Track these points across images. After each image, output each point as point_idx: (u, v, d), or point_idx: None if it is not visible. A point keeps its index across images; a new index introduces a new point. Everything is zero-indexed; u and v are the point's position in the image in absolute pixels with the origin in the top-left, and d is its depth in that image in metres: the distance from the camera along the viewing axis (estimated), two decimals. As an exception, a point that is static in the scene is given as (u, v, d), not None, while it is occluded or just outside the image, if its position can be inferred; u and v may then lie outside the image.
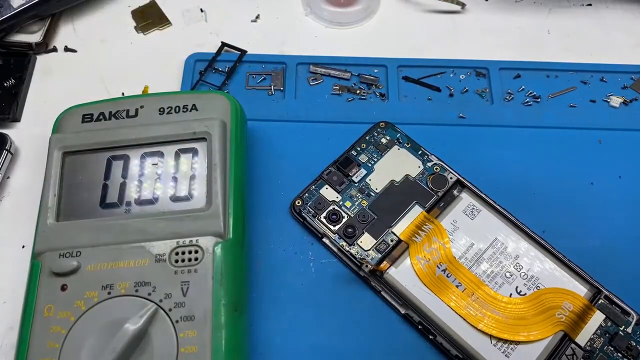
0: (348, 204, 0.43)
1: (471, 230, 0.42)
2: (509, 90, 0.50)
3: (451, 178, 0.44)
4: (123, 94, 0.50)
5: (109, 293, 0.35)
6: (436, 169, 0.44)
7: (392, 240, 0.42)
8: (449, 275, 0.40)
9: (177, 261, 0.36)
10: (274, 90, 0.50)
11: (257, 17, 0.55)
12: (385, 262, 0.41)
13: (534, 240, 0.42)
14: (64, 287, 0.36)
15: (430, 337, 0.39)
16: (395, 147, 0.46)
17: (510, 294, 0.40)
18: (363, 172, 0.45)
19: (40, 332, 0.35)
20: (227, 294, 0.36)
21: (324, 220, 0.43)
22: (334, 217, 0.43)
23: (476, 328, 0.38)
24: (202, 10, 0.56)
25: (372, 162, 0.45)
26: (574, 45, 0.54)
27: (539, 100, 0.49)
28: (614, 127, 0.48)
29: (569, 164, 0.46)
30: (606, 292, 0.40)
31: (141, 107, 0.42)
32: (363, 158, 0.45)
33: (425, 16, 0.56)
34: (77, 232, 0.38)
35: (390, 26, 0.55)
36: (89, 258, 0.37)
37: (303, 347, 0.39)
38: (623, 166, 0.46)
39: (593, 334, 0.38)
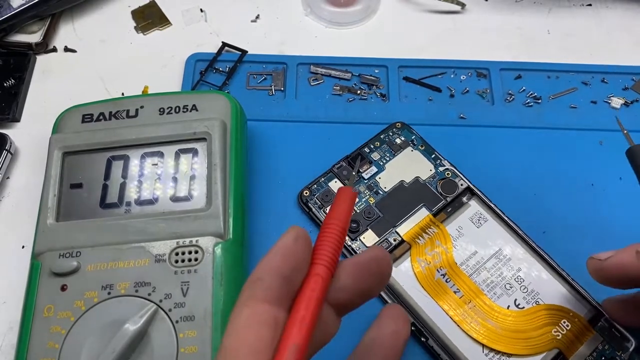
0: None
1: (476, 238, 0.42)
2: (510, 91, 0.50)
3: (462, 185, 0.44)
4: (123, 94, 0.50)
5: (109, 293, 0.35)
6: (447, 174, 0.44)
7: (394, 240, 0.42)
8: (448, 280, 0.40)
9: (177, 261, 0.36)
10: (275, 90, 0.50)
11: (257, 17, 0.55)
12: None
13: (538, 255, 0.41)
14: (63, 287, 0.36)
15: (422, 339, 0.39)
16: (409, 148, 0.46)
17: (508, 306, 0.39)
18: (374, 169, 0.45)
19: (40, 332, 0.35)
20: (227, 294, 0.36)
21: None
22: None
23: (469, 335, 0.38)
24: (202, 10, 0.56)
25: (384, 161, 0.45)
26: (573, 45, 0.54)
27: (540, 101, 0.49)
28: (615, 129, 0.48)
29: (570, 165, 0.46)
30: (607, 316, 0.39)
31: (141, 107, 0.42)
32: (375, 156, 0.45)
33: (425, 16, 0.56)
34: (77, 232, 0.38)
35: (390, 26, 0.55)
36: (88, 258, 0.37)
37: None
38: (624, 168, 0.45)
39: (589, 356, 0.38)
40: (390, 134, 0.46)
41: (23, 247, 0.43)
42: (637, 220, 0.44)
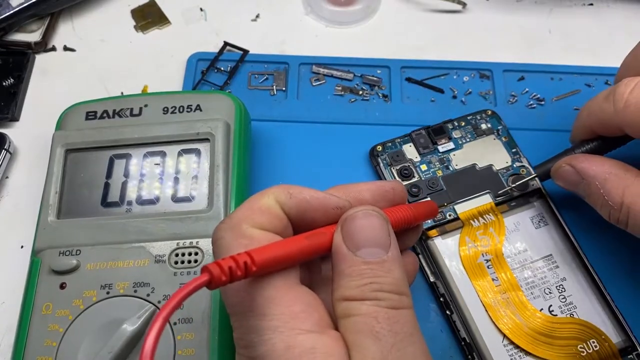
0: (424, 167, 0.44)
1: (530, 238, 0.42)
2: (513, 93, 0.50)
3: (533, 185, 0.43)
4: (122, 93, 0.50)
5: (108, 293, 0.35)
6: (522, 171, 0.44)
7: (450, 215, 0.42)
8: (489, 267, 0.40)
9: (176, 262, 0.36)
10: (276, 90, 0.50)
11: (257, 16, 0.55)
12: (435, 230, 0.41)
13: (588, 273, 0.40)
14: (63, 285, 0.36)
15: (448, 312, 0.39)
16: (492, 136, 0.46)
17: (542, 309, 0.39)
18: (451, 145, 0.45)
19: (38, 330, 0.35)
20: (226, 296, 0.35)
21: (394, 172, 0.44)
22: (405, 173, 0.44)
23: (494, 323, 0.38)
24: (201, 10, 0.55)
25: (463, 141, 0.45)
26: (575, 44, 0.53)
27: (543, 102, 0.49)
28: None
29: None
30: None
31: (145, 105, 0.42)
32: (456, 134, 0.46)
33: (426, 15, 0.55)
34: (77, 230, 0.37)
35: (391, 25, 0.55)
36: (88, 257, 0.36)
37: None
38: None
39: None
40: (478, 117, 0.46)
41: (22, 247, 0.43)
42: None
